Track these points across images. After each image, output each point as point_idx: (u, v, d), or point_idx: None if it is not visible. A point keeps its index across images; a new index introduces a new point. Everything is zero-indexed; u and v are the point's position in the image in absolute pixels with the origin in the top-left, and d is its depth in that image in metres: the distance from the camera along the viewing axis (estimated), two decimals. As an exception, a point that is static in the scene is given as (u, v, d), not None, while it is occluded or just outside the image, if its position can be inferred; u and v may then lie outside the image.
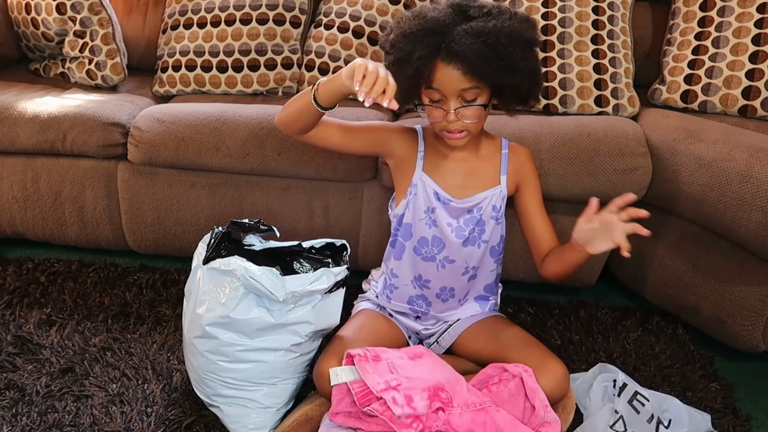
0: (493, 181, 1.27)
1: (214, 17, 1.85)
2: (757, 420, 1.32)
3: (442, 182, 1.27)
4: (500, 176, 1.27)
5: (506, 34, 1.09)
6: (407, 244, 1.31)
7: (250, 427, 1.20)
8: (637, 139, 1.47)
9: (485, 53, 1.08)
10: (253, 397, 1.19)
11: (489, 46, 1.08)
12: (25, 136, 1.62)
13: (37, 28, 1.87)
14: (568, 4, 1.72)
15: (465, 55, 1.08)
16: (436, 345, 1.37)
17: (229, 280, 1.15)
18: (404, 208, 1.29)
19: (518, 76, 1.13)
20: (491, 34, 1.08)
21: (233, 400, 1.20)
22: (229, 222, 1.27)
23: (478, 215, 1.27)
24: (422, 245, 1.30)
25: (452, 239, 1.27)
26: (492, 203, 1.27)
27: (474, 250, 1.29)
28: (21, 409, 1.26)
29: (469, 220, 1.27)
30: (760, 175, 1.31)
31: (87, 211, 1.70)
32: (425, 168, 1.27)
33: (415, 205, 1.28)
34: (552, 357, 1.22)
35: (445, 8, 1.14)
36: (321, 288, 1.16)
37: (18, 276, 1.68)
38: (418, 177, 1.27)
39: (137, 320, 1.52)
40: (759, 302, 1.36)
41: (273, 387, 1.20)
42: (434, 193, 1.26)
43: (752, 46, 1.61)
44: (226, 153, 1.54)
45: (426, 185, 1.27)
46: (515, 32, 1.11)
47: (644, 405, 1.24)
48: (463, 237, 1.27)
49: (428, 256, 1.30)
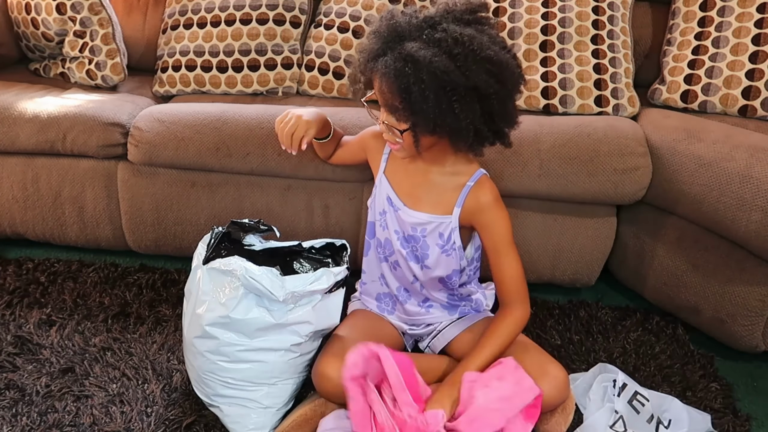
0: (445, 209, 1.21)
1: (214, 17, 1.85)
2: (757, 420, 1.32)
3: (398, 188, 1.26)
4: (454, 207, 1.20)
5: (430, 72, 1.00)
6: (371, 242, 1.34)
7: (250, 427, 1.20)
8: (637, 139, 1.47)
9: (395, 81, 1.03)
10: (253, 397, 1.19)
11: (403, 76, 1.02)
12: (25, 136, 1.62)
13: (37, 28, 1.87)
14: (568, 4, 1.72)
15: (382, 74, 1.05)
16: (428, 349, 1.37)
17: (229, 280, 1.15)
18: (370, 206, 1.33)
19: (428, 119, 1.04)
20: (414, 64, 1.01)
21: (233, 400, 1.20)
22: (229, 222, 1.27)
23: (421, 236, 1.24)
24: (379, 245, 1.32)
25: (398, 247, 1.27)
26: (439, 230, 1.22)
27: (416, 268, 1.27)
28: (21, 409, 1.26)
29: (412, 237, 1.25)
30: (760, 175, 1.31)
31: (87, 211, 1.70)
32: (387, 170, 1.28)
33: (374, 205, 1.30)
34: (552, 362, 1.20)
35: (416, 18, 1.08)
36: (321, 288, 1.16)
37: (18, 276, 1.68)
38: (379, 178, 1.29)
39: (137, 320, 1.52)
40: (759, 302, 1.36)
41: (273, 387, 1.20)
42: (387, 197, 1.27)
43: (752, 46, 1.61)
44: (226, 153, 1.54)
45: (383, 187, 1.27)
46: (446, 72, 1.00)
47: (644, 405, 1.24)
48: (407, 249, 1.27)
49: (382, 256, 1.33)
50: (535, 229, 1.55)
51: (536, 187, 1.46)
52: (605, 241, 1.56)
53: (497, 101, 1.06)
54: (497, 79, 1.04)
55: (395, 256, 1.30)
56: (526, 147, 1.45)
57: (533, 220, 1.54)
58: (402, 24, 1.07)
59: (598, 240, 1.55)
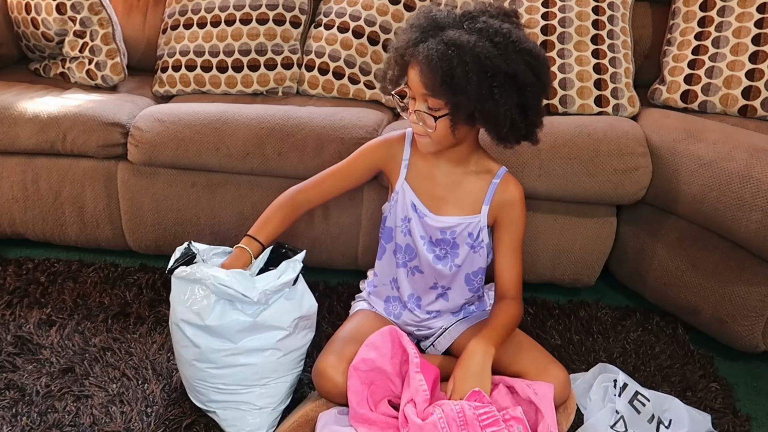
0: (473, 208, 1.23)
1: (214, 17, 1.85)
2: (757, 420, 1.32)
3: (422, 194, 1.26)
4: (482, 206, 1.23)
5: (474, 55, 1.03)
6: (387, 247, 1.33)
7: (246, 429, 1.20)
8: (637, 139, 1.47)
9: (438, 63, 1.04)
10: (247, 399, 1.19)
11: (446, 58, 1.04)
12: (25, 136, 1.62)
13: (37, 28, 1.87)
14: (568, 4, 1.72)
15: (423, 58, 1.07)
16: (431, 348, 1.37)
17: (199, 287, 1.13)
18: (387, 212, 1.31)
19: (470, 100, 1.06)
20: (458, 48, 1.04)
21: (227, 404, 1.20)
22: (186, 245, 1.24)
23: (451, 238, 1.25)
24: (398, 251, 1.31)
25: (423, 252, 1.27)
26: (468, 230, 1.24)
27: (444, 270, 1.27)
28: (21, 409, 1.26)
29: (441, 240, 1.25)
30: (760, 175, 1.31)
31: (87, 211, 1.70)
32: (408, 177, 1.27)
33: (396, 211, 1.29)
34: (553, 362, 1.21)
35: (454, 12, 1.13)
36: (290, 278, 1.15)
37: (18, 276, 1.68)
38: (400, 185, 1.27)
39: (137, 320, 1.52)
40: (759, 302, 1.36)
41: (265, 387, 1.19)
42: (412, 204, 1.26)
43: (752, 46, 1.61)
44: (226, 153, 1.54)
45: (406, 194, 1.27)
46: (489, 57, 1.04)
47: (645, 405, 1.24)
48: (434, 253, 1.27)
49: (401, 262, 1.31)
50: (534, 229, 1.55)
51: (536, 187, 1.46)
52: (605, 241, 1.56)
53: (532, 94, 1.10)
54: (534, 72, 1.08)
55: (416, 262, 1.29)
56: (526, 147, 1.44)
57: (533, 220, 1.54)
58: (440, 16, 1.11)
59: (598, 240, 1.55)
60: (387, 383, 1.19)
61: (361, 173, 1.32)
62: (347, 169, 1.32)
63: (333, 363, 1.18)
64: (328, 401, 1.21)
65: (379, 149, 1.30)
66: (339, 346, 1.23)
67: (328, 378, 1.18)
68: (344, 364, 1.18)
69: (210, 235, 1.66)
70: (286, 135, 1.53)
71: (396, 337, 1.19)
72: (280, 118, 1.56)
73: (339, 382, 1.17)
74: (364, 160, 1.31)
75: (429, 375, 1.16)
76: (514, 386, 1.15)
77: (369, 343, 1.18)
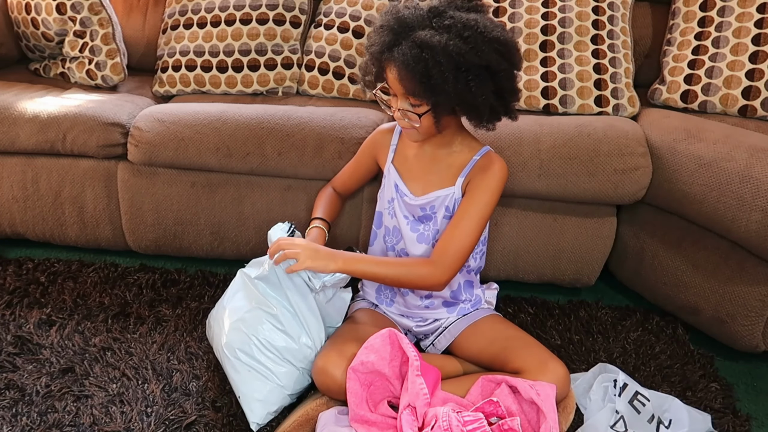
0: (449, 181, 1.27)
1: (214, 17, 1.85)
2: (757, 420, 1.32)
3: (405, 175, 1.31)
4: (458, 178, 1.26)
5: (447, 53, 1.07)
6: (378, 232, 1.38)
7: (257, 397, 1.21)
8: (637, 139, 1.47)
9: (414, 67, 1.08)
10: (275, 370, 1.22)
11: (421, 61, 1.08)
12: (25, 136, 1.62)
13: (37, 28, 1.87)
14: (568, 4, 1.72)
15: (399, 63, 1.10)
16: (431, 347, 1.37)
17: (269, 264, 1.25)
18: (379, 197, 1.36)
19: (449, 97, 1.11)
20: (431, 50, 1.07)
21: (259, 367, 1.22)
22: None
23: (431, 213, 1.28)
24: (387, 234, 1.36)
25: (407, 233, 1.31)
26: (445, 203, 1.27)
27: (428, 249, 1.30)
28: (21, 409, 1.26)
29: (422, 218, 1.30)
30: (760, 175, 1.31)
31: (87, 211, 1.70)
32: (395, 160, 1.33)
33: (383, 194, 1.35)
34: (552, 358, 1.22)
35: (421, 10, 1.15)
36: (343, 278, 1.24)
37: (18, 276, 1.68)
38: (387, 168, 1.33)
39: (137, 320, 1.52)
40: (759, 302, 1.36)
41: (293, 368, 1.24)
42: (395, 184, 1.31)
43: (752, 46, 1.61)
44: (226, 153, 1.54)
45: (391, 176, 1.32)
46: (461, 54, 1.07)
47: (645, 405, 1.24)
48: (417, 232, 1.30)
49: (390, 245, 1.36)
50: (535, 229, 1.55)
51: (536, 187, 1.46)
52: (605, 241, 1.56)
53: (505, 77, 1.14)
54: (504, 57, 1.12)
55: (402, 244, 1.32)
56: (526, 147, 1.45)
57: (533, 220, 1.54)
58: (408, 16, 1.14)
59: (598, 240, 1.55)
60: (386, 385, 1.19)
61: (367, 162, 1.42)
62: (356, 162, 1.44)
63: (334, 360, 1.19)
64: (328, 400, 1.22)
65: (375, 137, 1.40)
66: (339, 344, 1.24)
67: (329, 375, 1.18)
68: (345, 361, 1.19)
69: (210, 235, 1.67)
70: (286, 135, 1.53)
71: (395, 340, 1.19)
72: (280, 118, 1.56)
73: (339, 378, 1.17)
74: (366, 149, 1.41)
75: (429, 377, 1.16)
76: (516, 386, 1.15)
77: (368, 346, 1.18)
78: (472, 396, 1.20)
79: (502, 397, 1.15)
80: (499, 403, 1.13)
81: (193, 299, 1.59)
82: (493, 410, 1.14)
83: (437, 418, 1.08)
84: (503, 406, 1.13)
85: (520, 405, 1.15)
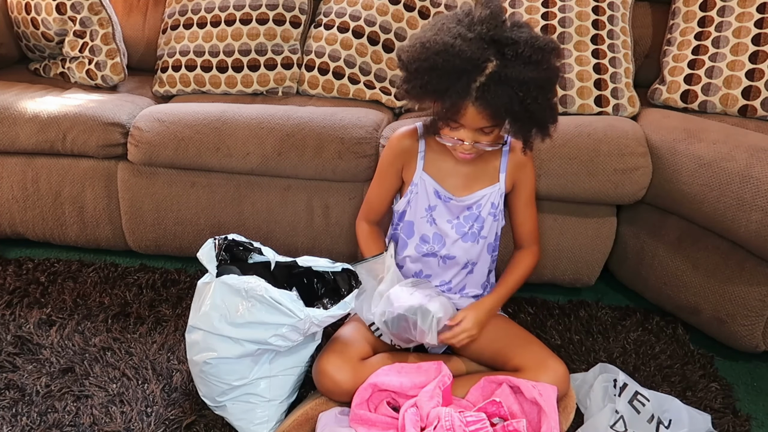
0: (492, 179, 1.30)
1: (214, 17, 1.85)
2: (757, 420, 1.32)
3: (442, 180, 1.29)
4: (500, 174, 1.29)
5: (539, 86, 1.10)
6: (410, 242, 1.34)
7: (255, 422, 1.20)
8: (637, 139, 1.47)
9: (514, 106, 1.09)
10: (254, 391, 1.19)
11: (519, 100, 1.09)
12: (25, 136, 1.62)
13: (37, 28, 1.87)
14: (568, 4, 1.72)
15: (494, 104, 1.09)
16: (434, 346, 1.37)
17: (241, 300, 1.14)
18: (405, 205, 1.32)
19: (541, 119, 1.15)
20: (524, 86, 1.08)
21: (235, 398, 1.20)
22: (227, 238, 1.27)
23: (477, 212, 1.29)
24: (424, 242, 1.32)
25: (452, 236, 1.30)
26: (491, 200, 1.29)
27: (473, 246, 1.31)
28: (21, 409, 1.26)
29: (468, 217, 1.30)
30: (760, 175, 1.31)
31: (87, 211, 1.70)
32: (426, 167, 1.30)
33: (417, 203, 1.31)
34: (552, 356, 1.22)
35: (477, 41, 1.09)
36: (337, 313, 1.18)
37: (18, 276, 1.68)
38: (419, 176, 1.30)
39: (137, 320, 1.52)
40: (759, 302, 1.36)
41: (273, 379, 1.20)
42: (434, 191, 1.29)
43: (752, 46, 1.61)
44: (226, 153, 1.54)
45: (426, 184, 1.29)
46: (549, 81, 1.12)
47: (645, 405, 1.24)
48: (463, 233, 1.30)
49: (430, 252, 1.32)
50: (535, 229, 1.55)
51: (537, 186, 1.46)
52: (605, 241, 1.56)
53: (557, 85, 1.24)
54: (561, 62, 1.21)
55: (446, 249, 1.31)
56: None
57: (533, 220, 1.54)
58: (466, 50, 1.08)
59: (598, 240, 1.55)
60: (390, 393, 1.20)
61: (392, 178, 1.34)
62: (380, 181, 1.36)
63: (334, 361, 1.19)
64: (328, 400, 1.22)
65: (398, 146, 1.32)
66: (340, 345, 1.24)
67: (329, 376, 1.18)
68: (345, 363, 1.19)
69: (210, 235, 1.66)
70: (286, 135, 1.53)
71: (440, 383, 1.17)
72: (280, 118, 1.56)
73: (339, 380, 1.17)
74: (390, 162, 1.33)
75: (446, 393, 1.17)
76: (519, 386, 1.16)
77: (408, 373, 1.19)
78: (472, 396, 1.21)
79: (503, 397, 1.15)
80: (501, 403, 1.13)
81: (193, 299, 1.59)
82: (495, 410, 1.14)
83: (440, 419, 1.08)
84: (506, 407, 1.13)
85: (521, 405, 1.15)
